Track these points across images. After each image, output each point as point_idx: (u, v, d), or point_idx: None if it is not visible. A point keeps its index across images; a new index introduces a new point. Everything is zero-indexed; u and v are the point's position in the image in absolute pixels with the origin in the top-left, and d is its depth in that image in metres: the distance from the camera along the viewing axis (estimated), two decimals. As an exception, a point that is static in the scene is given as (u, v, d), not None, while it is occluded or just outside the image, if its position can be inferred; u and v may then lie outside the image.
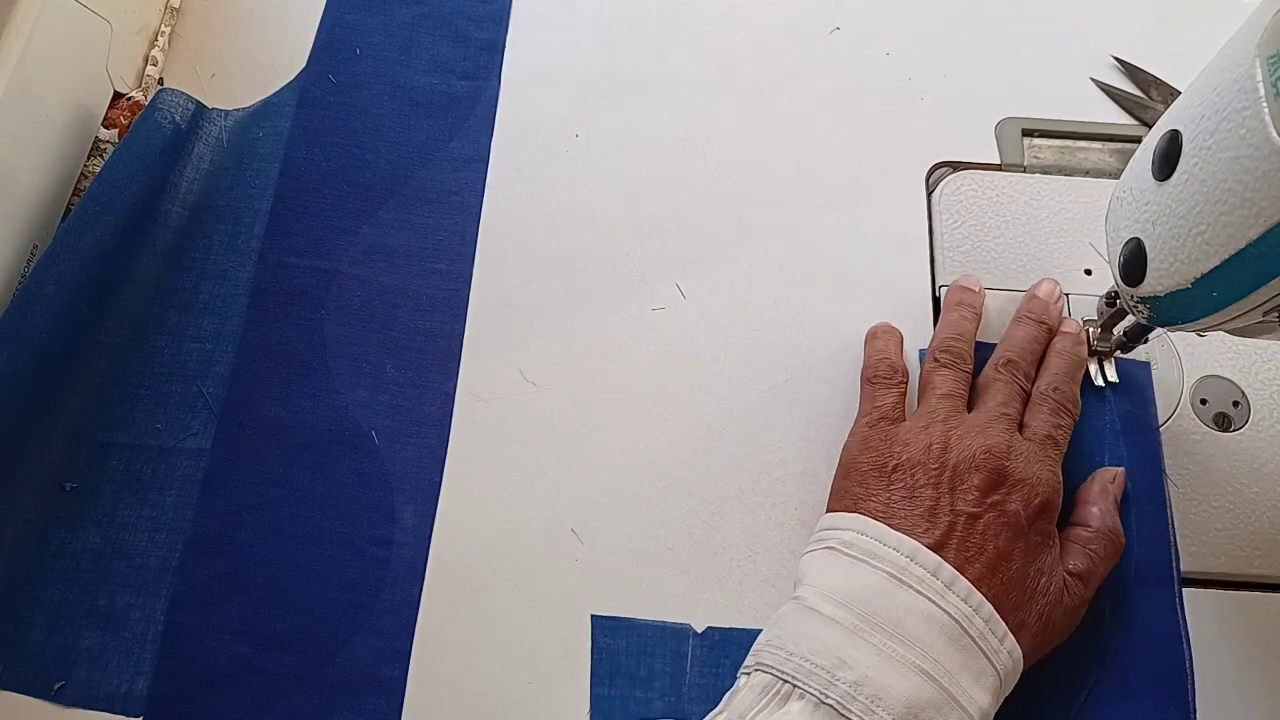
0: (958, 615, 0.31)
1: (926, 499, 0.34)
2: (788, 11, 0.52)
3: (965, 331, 0.40)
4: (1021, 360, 0.39)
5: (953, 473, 0.35)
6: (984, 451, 0.35)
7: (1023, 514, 0.34)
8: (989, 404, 0.38)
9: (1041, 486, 0.35)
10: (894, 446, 0.36)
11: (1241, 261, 0.28)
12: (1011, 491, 0.34)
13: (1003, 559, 0.33)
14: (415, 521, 0.40)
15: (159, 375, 0.43)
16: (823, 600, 0.32)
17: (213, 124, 0.48)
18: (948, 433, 0.36)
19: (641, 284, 0.45)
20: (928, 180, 0.47)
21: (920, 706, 0.30)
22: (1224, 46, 0.30)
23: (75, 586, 0.39)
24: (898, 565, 0.32)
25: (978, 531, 0.33)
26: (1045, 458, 0.36)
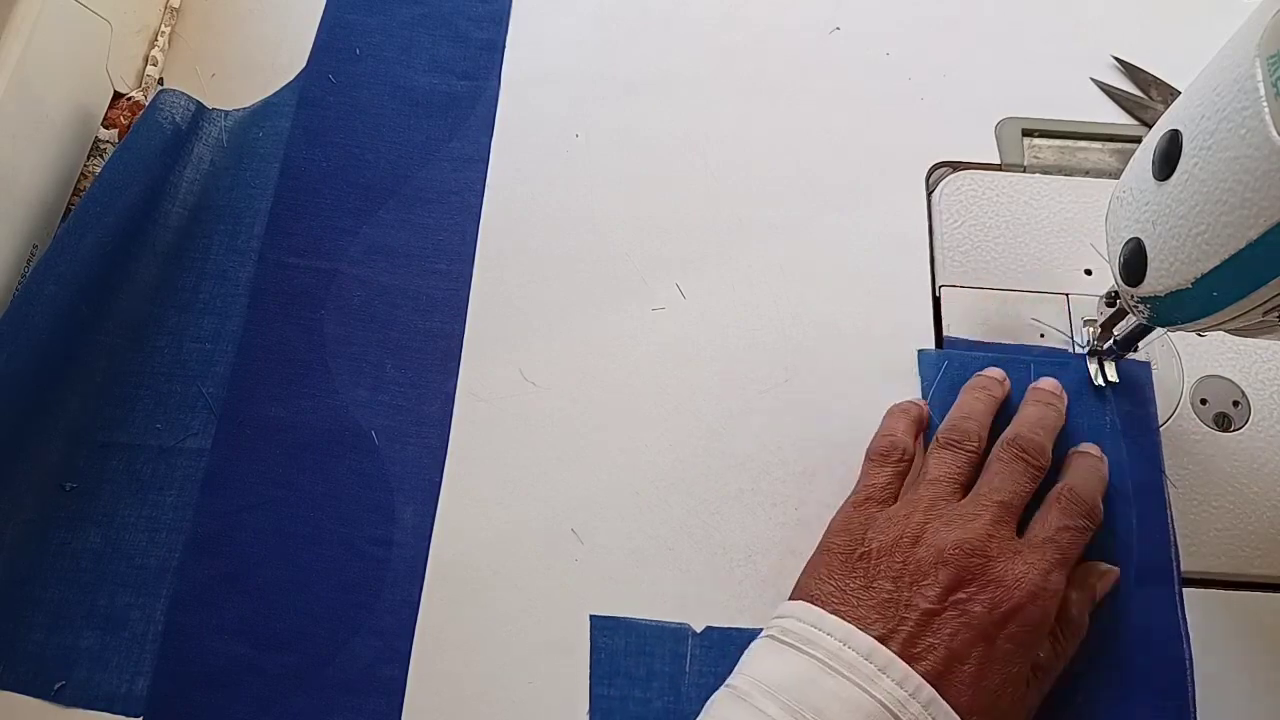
0: (888, 701, 0.30)
1: (883, 591, 0.32)
2: (788, 11, 0.52)
3: (975, 412, 0.38)
4: (1033, 436, 0.36)
5: (917, 566, 0.32)
6: (955, 546, 0.33)
7: (987, 617, 0.31)
8: (982, 489, 0.35)
9: (1018, 591, 0.32)
10: (868, 532, 0.34)
11: (1241, 261, 0.28)
12: (980, 591, 0.32)
13: (955, 660, 0.31)
14: (415, 521, 0.40)
15: (159, 375, 0.43)
16: (751, 688, 0.31)
17: (213, 124, 0.48)
18: (926, 523, 0.34)
19: (641, 284, 0.45)
20: (928, 180, 0.47)
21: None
22: (1224, 46, 0.30)
23: (75, 586, 0.39)
24: (829, 651, 0.31)
25: (931, 629, 0.31)
26: (1036, 560, 0.33)
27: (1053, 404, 0.39)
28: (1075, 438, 0.40)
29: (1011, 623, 0.32)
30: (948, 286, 0.44)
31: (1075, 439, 0.40)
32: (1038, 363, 0.42)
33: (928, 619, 0.31)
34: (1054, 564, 0.33)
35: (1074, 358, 0.42)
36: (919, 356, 0.43)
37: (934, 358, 0.43)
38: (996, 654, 0.31)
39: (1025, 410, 0.39)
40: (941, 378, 0.42)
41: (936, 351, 0.43)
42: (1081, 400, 0.41)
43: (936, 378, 0.42)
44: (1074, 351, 0.43)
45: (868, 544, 0.34)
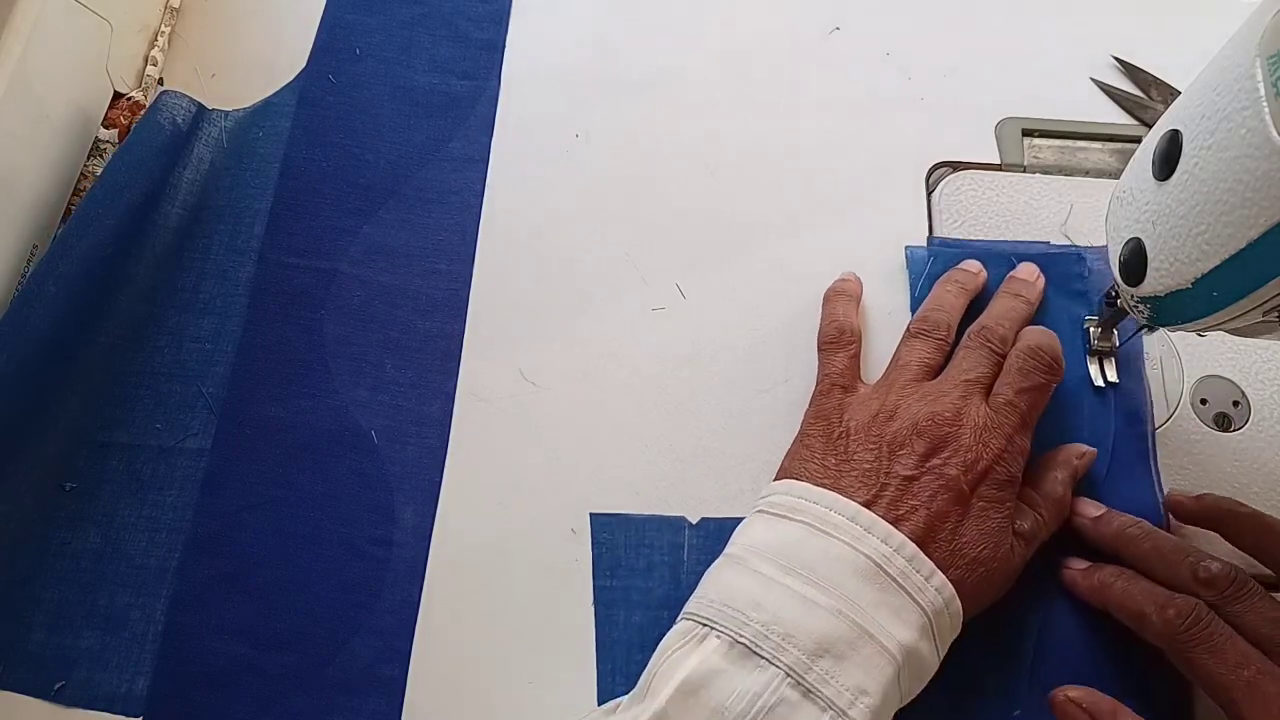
0: (875, 556, 0.32)
1: (864, 462, 0.35)
2: (788, 11, 0.52)
3: (947, 304, 0.40)
4: (997, 326, 0.38)
5: (893, 439, 0.35)
6: (928, 418, 0.35)
7: (963, 479, 0.34)
8: (951, 371, 0.37)
9: (987, 450, 0.34)
10: (844, 415, 0.37)
11: (1241, 261, 0.28)
12: (953, 455, 0.34)
13: (937, 519, 0.33)
14: (415, 521, 0.40)
15: (159, 375, 0.43)
16: (744, 553, 0.33)
17: (213, 125, 0.48)
18: (898, 401, 0.36)
19: (641, 284, 0.45)
20: (928, 180, 0.47)
21: (831, 642, 0.30)
22: (1224, 46, 0.30)
23: (75, 586, 0.39)
24: (816, 516, 0.33)
25: (911, 493, 0.33)
26: (1002, 424, 0.35)
27: (1022, 295, 0.40)
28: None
29: (983, 483, 0.34)
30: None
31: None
32: (1019, 256, 0.43)
33: (907, 484, 0.34)
34: (1016, 427, 0.36)
35: (1059, 250, 0.44)
36: (907, 253, 0.44)
37: (922, 254, 0.44)
38: (972, 512, 0.34)
39: (995, 302, 0.40)
40: (928, 274, 0.43)
41: (924, 247, 0.44)
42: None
43: (924, 273, 0.43)
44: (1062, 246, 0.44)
45: (844, 424, 0.36)
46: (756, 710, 0.29)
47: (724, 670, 0.30)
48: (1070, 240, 0.45)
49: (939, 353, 0.38)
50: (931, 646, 0.32)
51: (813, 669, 0.30)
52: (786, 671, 0.30)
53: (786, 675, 0.30)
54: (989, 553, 0.34)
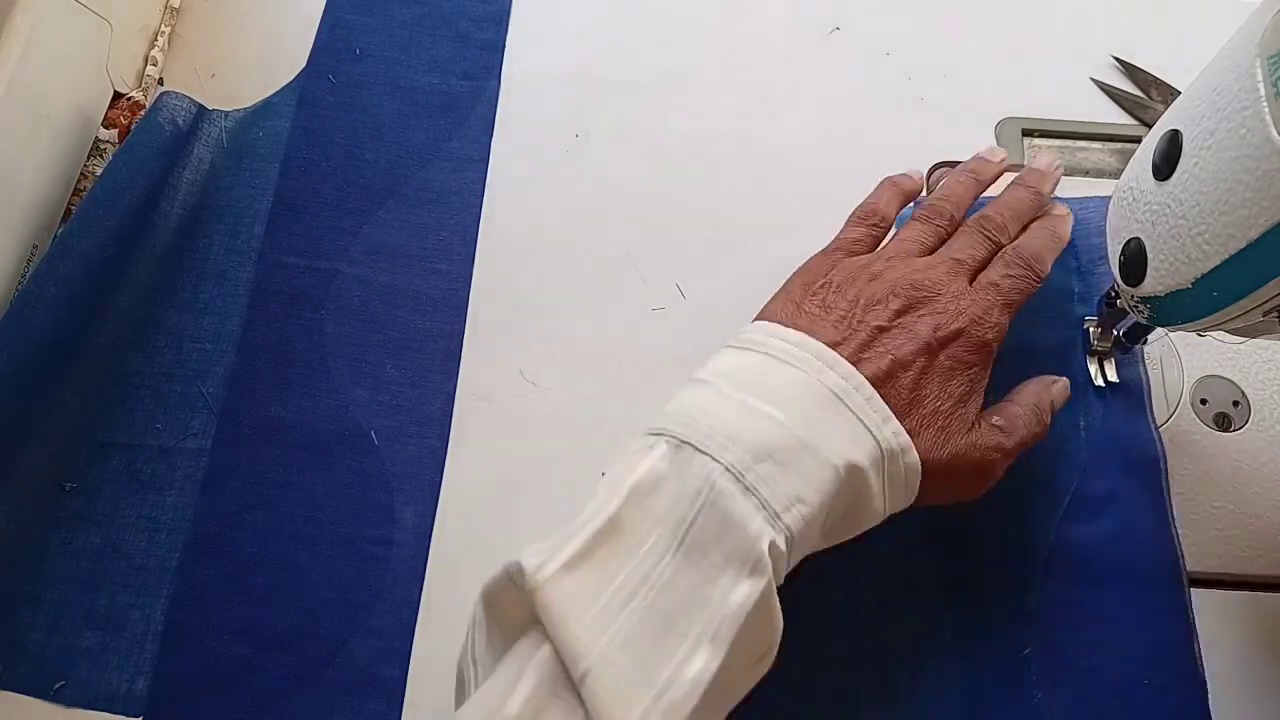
0: (835, 388, 0.32)
1: (838, 310, 0.35)
2: (788, 11, 0.52)
3: (955, 194, 0.40)
4: (997, 216, 0.39)
5: (871, 295, 0.35)
6: (910, 283, 0.35)
7: (932, 336, 0.34)
8: (944, 250, 0.37)
9: (962, 315, 0.34)
10: (831, 270, 0.37)
11: (1241, 261, 0.28)
12: (927, 315, 0.34)
13: (898, 367, 0.33)
14: (415, 521, 0.40)
15: (159, 375, 0.43)
16: (710, 375, 0.33)
17: (213, 125, 0.48)
18: (884, 267, 0.36)
19: (641, 284, 0.45)
20: (928, 180, 0.47)
21: (775, 449, 0.30)
22: (1224, 46, 0.30)
23: (75, 586, 0.39)
24: (782, 350, 0.33)
25: (879, 341, 0.34)
26: (979, 298, 0.35)
27: (1034, 187, 0.40)
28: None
29: (954, 344, 0.34)
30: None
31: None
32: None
33: (877, 333, 0.34)
34: (994, 302, 0.36)
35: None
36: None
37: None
38: (936, 367, 0.34)
39: (1006, 190, 0.41)
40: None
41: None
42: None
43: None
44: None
45: (827, 276, 0.36)
46: (700, 504, 0.29)
47: (670, 474, 0.30)
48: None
49: (937, 238, 0.38)
50: (880, 484, 0.32)
51: (753, 469, 0.30)
52: (727, 467, 0.30)
53: (726, 470, 0.30)
54: (948, 408, 0.33)
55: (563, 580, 0.28)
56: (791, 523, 0.29)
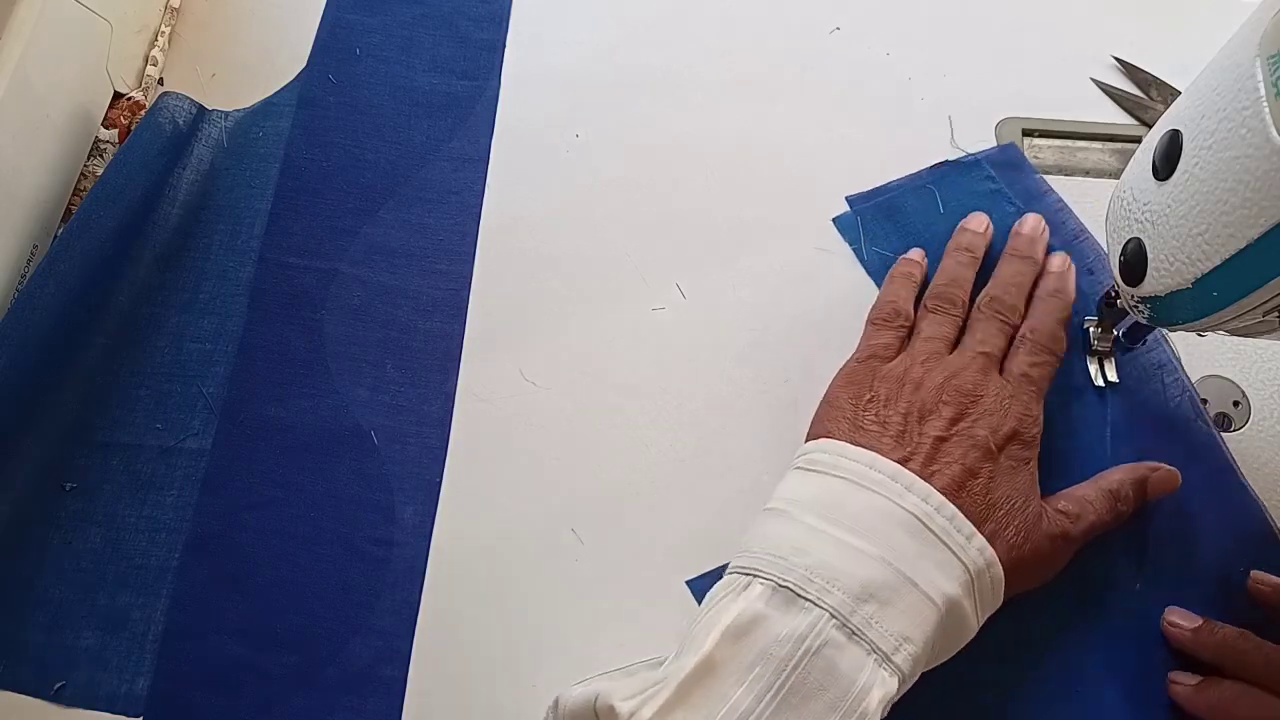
0: (917, 512, 0.32)
1: (895, 425, 0.35)
2: (788, 11, 0.52)
3: (959, 277, 0.41)
4: (1005, 296, 0.40)
5: (922, 405, 0.36)
6: (953, 387, 0.36)
7: (990, 439, 0.35)
8: (968, 343, 0.39)
9: (1010, 416, 0.36)
10: (874, 382, 0.38)
11: (1242, 261, 0.28)
12: (979, 419, 0.35)
13: (969, 475, 0.34)
14: (415, 521, 0.40)
15: (159, 375, 0.43)
16: (786, 505, 0.34)
17: (213, 125, 0.48)
18: (923, 373, 0.37)
19: (641, 284, 0.45)
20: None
21: (876, 587, 0.30)
22: (1224, 46, 0.30)
23: (75, 586, 0.39)
24: (856, 472, 0.34)
25: (943, 451, 0.34)
26: (1018, 393, 0.37)
27: (1029, 255, 0.42)
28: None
29: (1011, 442, 0.36)
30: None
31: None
32: (934, 184, 0.46)
33: (939, 444, 0.35)
34: (1032, 395, 0.37)
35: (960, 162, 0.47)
36: (836, 224, 0.46)
37: (850, 219, 0.46)
38: (1001, 469, 0.35)
39: (1002, 268, 0.42)
40: (865, 235, 0.45)
41: (848, 213, 0.46)
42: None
43: (860, 237, 0.45)
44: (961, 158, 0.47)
45: (874, 390, 0.37)
46: (803, 652, 0.29)
47: (769, 615, 0.30)
48: (964, 150, 0.47)
49: (955, 326, 0.40)
50: (972, 605, 0.32)
51: (858, 612, 0.30)
52: (831, 613, 0.30)
53: (831, 617, 0.30)
54: (1020, 504, 0.34)
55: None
56: (902, 663, 0.30)
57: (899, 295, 0.42)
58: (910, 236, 0.45)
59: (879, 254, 0.45)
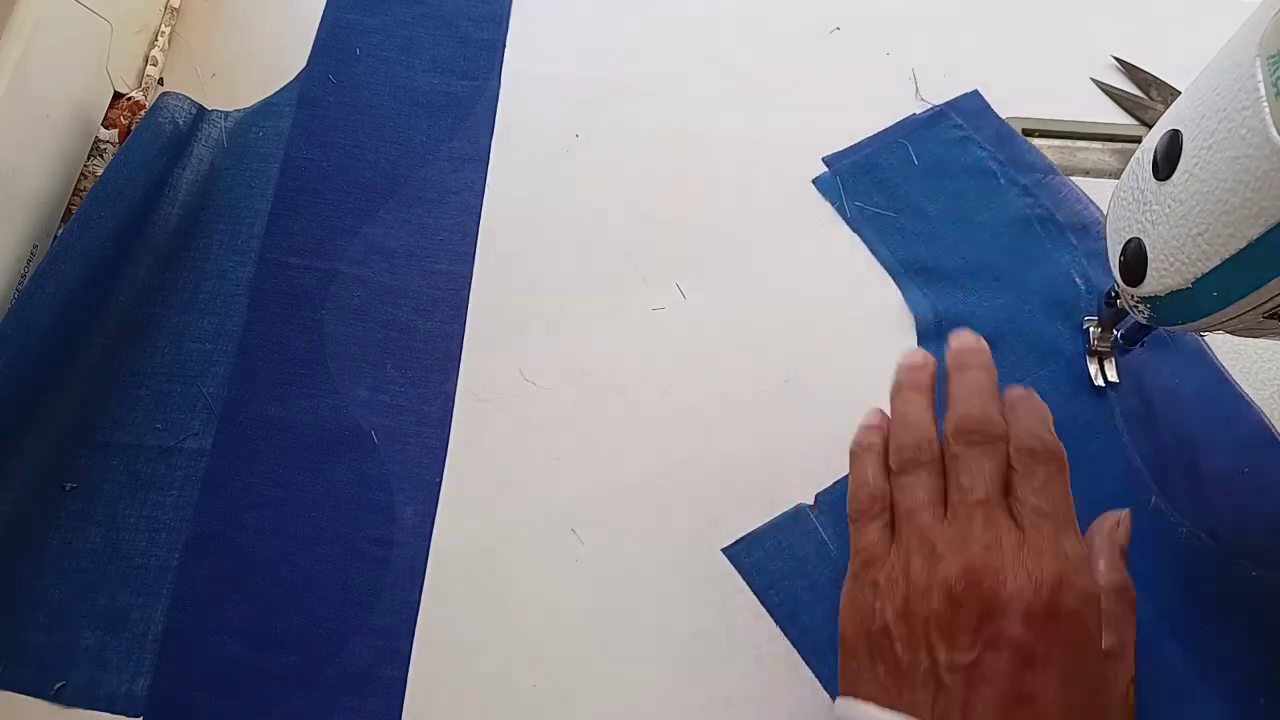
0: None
1: (918, 663, 0.30)
2: (787, 11, 0.52)
3: (916, 421, 0.35)
4: (973, 412, 0.33)
5: (936, 621, 0.30)
6: (959, 578, 0.30)
7: (1028, 635, 0.29)
8: (954, 497, 0.32)
9: (1044, 584, 0.29)
10: (875, 603, 0.32)
11: (1242, 262, 0.28)
12: (1007, 613, 0.29)
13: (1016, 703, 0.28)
14: (415, 521, 0.40)
15: (159, 375, 0.43)
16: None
17: (213, 125, 0.48)
18: (924, 568, 0.31)
19: (641, 284, 0.45)
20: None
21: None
22: (1224, 46, 0.30)
23: (75, 586, 0.39)
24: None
25: (979, 680, 0.29)
26: (1040, 543, 0.30)
27: (978, 362, 0.35)
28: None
29: (1055, 621, 0.29)
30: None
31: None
32: (905, 138, 0.47)
33: (971, 672, 0.29)
34: (1056, 529, 0.31)
35: (928, 114, 0.48)
36: (817, 185, 0.47)
37: (829, 180, 0.47)
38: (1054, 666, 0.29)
39: (955, 386, 0.35)
40: (844, 194, 0.46)
41: (827, 173, 0.47)
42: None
43: (840, 196, 0.46)
44: (928, 110, 0.48)
45: (878, 619, 0.32)
46: None
47: None
48: (929, 103, 0.49)
49: (936, 477, 0.33)
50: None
51: None
52: None
53: None
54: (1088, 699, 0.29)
55: None
56: None
57: (866, 474, 0.35)
58: (888, 191, 0.46)
59: (860, 208, 0.46)
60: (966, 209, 0.45)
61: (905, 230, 0.45)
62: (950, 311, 0.43)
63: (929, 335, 0.43)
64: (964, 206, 0.45)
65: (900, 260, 0.45)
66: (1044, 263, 0.44)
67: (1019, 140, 0.47)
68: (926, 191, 0.46)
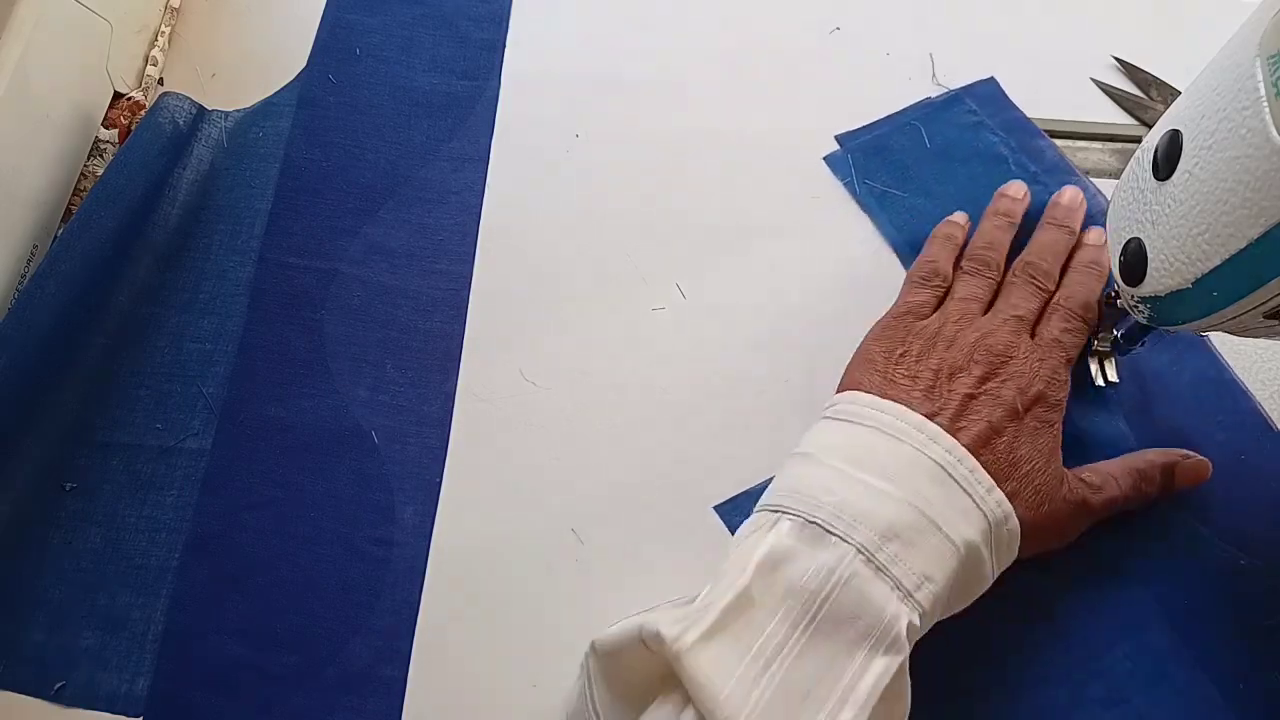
0: (941, 460, 0.33)
1: (925, 380, 0.36)
2: (788, 11, 0.52)
3: (996, 241, 0.42)
4: (1041, 262, 0.41)
5: (953, 363, 0.37)
6: (984, 347, 0.37)
7: (1017, 400, 0.36)
8: (1001, 305, 0.39)
9: (1038, 379, 0.37)
10: (907, 337, 0.39)
11: (1242, 261, 0.28)
12: (1007, 380, 0.36)
13: (994, 433, 0.35)
14: (415, 521, 0.40)
15: (159, 375, 0.43)
16: (815, 450, 0.35)
17: (213, 125, 0.48)
18: (955, 331, 0.38)
19: (641, 284, 0.45)
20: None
21: (902, 528, 0.31)
22: (1224, 46, 0.30)
23: (75, 586, 0.39)
24: (884, 423, 0.35)
25: (971, 409, 0.35)
26: (1047, 356, 0.37)
27: (1065, 223, 0.42)
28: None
29: (1037, 405, 0.36)
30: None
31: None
32: (919, 121, 0.48)
33: (967, 401, 0.35)
34: (1061, 360, 0.38)
35: (942, 99, 0.49)
36: (828, 161, 0.47)
37: (840, 157, 0.48)
38: (1025, 429, 0.36)
39: (1039, 236, 0.42)
40: (855, 173, 0.47)
41: (839, 151, 0.48)
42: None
43: (851, 175, 0.47)
44: (942, 94, 0.49)
45: (906, 345, 0.38)
46: (833, 583, 0.30)
47: (798, 549, 0.31)
48: (945, 87, 0.49)
49: (989, 288, 0.41)
50: (989, 555, 0.33)
51: (883, 549, 0.31)
52: (858, 549, 0.31)
53: (859, 552, 0.31)
54: (1041, 465, 0.35)
55: (703, 649, 0.29)
56: (923, 600, 0.31)
57: (938, 256, 0.42)
58: (899, 171, 0.47)
59: (870, 187, 0.46)
60: (976, 192, 0.46)
61: (913, 210, 0.46)
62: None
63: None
64: (973, 190, 0.46)
65: (907, 239, 0.45)
66: None
67: (1031, 128, 0.48)
68: (937, 173, 0.47)
